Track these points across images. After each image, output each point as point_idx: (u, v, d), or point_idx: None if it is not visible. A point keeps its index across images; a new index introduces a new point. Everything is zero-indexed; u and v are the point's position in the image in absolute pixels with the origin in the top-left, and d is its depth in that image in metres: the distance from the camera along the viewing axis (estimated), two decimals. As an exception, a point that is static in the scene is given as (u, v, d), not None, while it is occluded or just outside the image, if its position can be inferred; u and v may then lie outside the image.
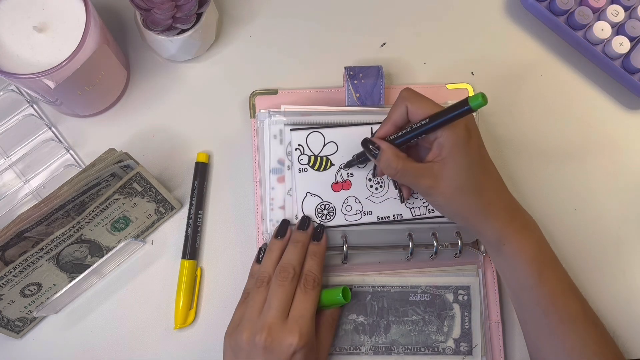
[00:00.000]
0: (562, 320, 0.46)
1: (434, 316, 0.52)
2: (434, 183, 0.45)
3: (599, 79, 0.60)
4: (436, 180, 0.45)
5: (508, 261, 0.47)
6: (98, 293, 0.54)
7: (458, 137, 0.44)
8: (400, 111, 0.46)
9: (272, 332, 0.45)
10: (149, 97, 0.58)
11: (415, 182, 0.46)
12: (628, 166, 0.59)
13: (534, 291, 0.47)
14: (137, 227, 0.53)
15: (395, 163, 0.45)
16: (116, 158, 0.47)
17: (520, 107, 0.59)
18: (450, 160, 0.44)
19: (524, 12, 0.61)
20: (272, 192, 0.53)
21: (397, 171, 0.46)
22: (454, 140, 0.44)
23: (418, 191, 0.48)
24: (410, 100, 0.46)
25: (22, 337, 0.53)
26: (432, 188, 0.45)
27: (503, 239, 0.47)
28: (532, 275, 0.46)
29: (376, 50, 0.60)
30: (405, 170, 0.46)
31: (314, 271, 0.49)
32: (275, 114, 0.53)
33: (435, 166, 0.45)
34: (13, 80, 0.46)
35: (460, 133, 0.44)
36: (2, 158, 0.55)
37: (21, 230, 0.46)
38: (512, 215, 0.47)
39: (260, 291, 0.48)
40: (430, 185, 0.45)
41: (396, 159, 0.46)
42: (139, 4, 0.51)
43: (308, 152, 0.53)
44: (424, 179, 0.45)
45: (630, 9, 0.59)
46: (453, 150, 0.44)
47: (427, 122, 0.44)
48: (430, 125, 0.44)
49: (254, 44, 0.59)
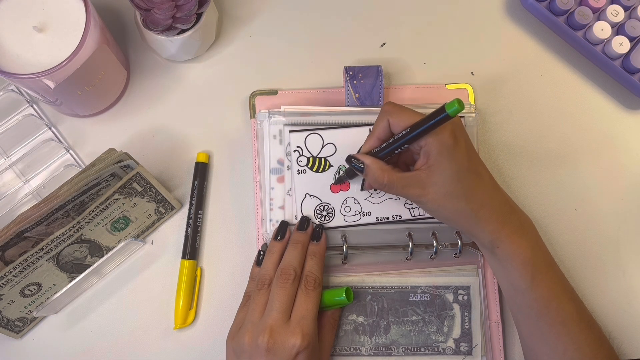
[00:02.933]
0: (555, 323, 0.46)
1: (434, 316, 0.52)
2: (422, 191, 0.45)
3: (599, 79, 0.60)
4: (424, 188, 0.45)
5: (501, 264, 0.47)
6: (98, 293, 0.54)
7: (443, 144, 0.44)
8: (382, 125, 0.47)
9: (274, 334, 0.45)
10: (149, 97, 0.58)
11: (404, 192, 0.46)
12: (628, 166, 0.59)
13: (527, 294, 0.46)
14: (137, 227, 0.53)
15: (380, 177, 0.46)
16: (116, 158, 0.47)
17: (520, 107, 0.59)
18: (437, 167, 0.45)
19: (524, 12, 0.61)
20: (272, 192, 0.53)
21: (384, 185, 0.46)
22: (439, 148, 0.44)
23: (409, 200, 0.48)
24: (391, 113, 0.46)
25: (22, 337, 0.53)
26: (420, 196, 0.46)
27: (496, 241, 0.46)
28: (525, 278, 0.46)
29: (376, 50, 0.60)
30: (392, 182, 0.46)
31: (314, 272, 0.49)
32: (275, 115, 0.54)
33: (422, 174, 0.45)
34: (13, 80, 0.46)
35: (445, 140, 0.44)
36: (2, 158, 0.55)
37: (21, 230, 0.46)
38: (506, 218, 0.47)
39: (262, 293, 0.47)
40: (418, 194, 0.46)
41: (381, 173, 0.46)
42: (139, 4, 0.51)
43: (307, 153, 0.53)
44: (411, 188, 0.46)
45: (630, 9, 0.59)
46: (439, 157, 0.44)
47: (407, 132, 0.44)
48: (410, 135, 0.44)
49: (254, 44, 0.59)
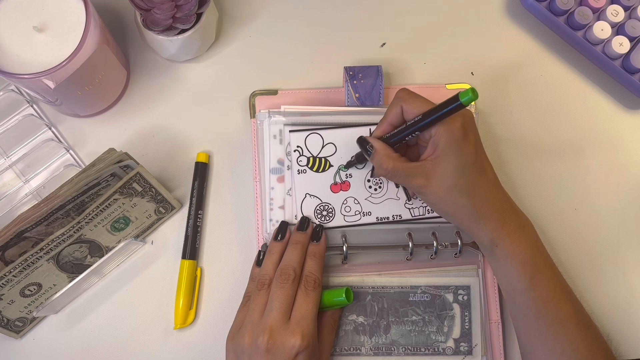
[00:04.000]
0: (553, 323, 0.46)
1: (434, 316, 0.52)
2: (426, 182, 0.45)
3: (598, 79, 0.60)
4: (428, 179, 0.45)
5: (500, 263, 0.47)
6: (98, 293, 0.54)
7: (453, 136, 0.44)
8: (395, 111, 0.47)
9: (274, 335, 0.45)
10: (149, 97, 0.58)
11: (407, 181, 0.46)
12: (628, 166, 0.59)
13: (526, 294, 0.46)
14: (137, 227, 0.53)
15: (385, 163, 0.46)
16: (116, 158, 0.47)
17: (519, 107, 0.59)
18: (443, 159, 0.44)
19: (524, 12, 0.61)
20: (272, 192, 0.53)
21: (388, 172, 0.46)
22: (448, 139, 0.44)
23: (412, 190, 0.49)
24: (405, 99, 0.46)
25: (22, 337, 0.53)
26: (423, 187, 0.46)
27: (496, 240, 0.46)
28: (524, 278, 0.46)
29: (376, 50, 0.60)
30: (396, 170, 0.46)
31: (314, 272, 0.49)
32: (275, 114, 0.53)
33: (427, 165, 0.45)
34: (13, 80, 0.46)
35: (455, 132, 0.44)
36: (2, 158, 0.55)
37: (21, 230, 0.46)
38: (506, 217, 0.47)
39: (262, 294, 0.47)
40: (421, 184, 0.46)
41: (387, 159, 0.46)
42: (139, 4, 0.51)
43: (307, 153, 0.53)
44: (415, 178, 0.46)
45: (630, 9, 0.59)
46: (447, 149, 0.44)
47: (420, 119, 0.44)
48: (422, 123, 0.44)
49: (254, 44, 0.59)
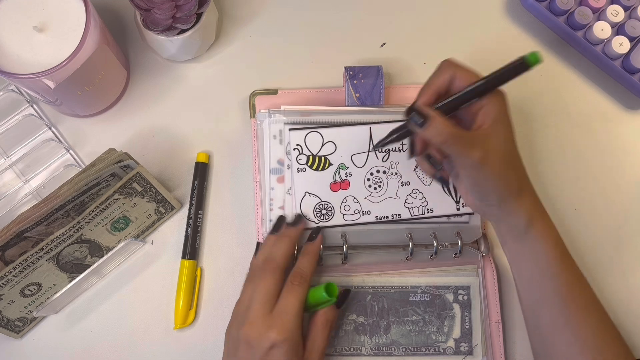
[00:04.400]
0: (580, 308, 0.46)
1: (434, 316, 0.52)
2: (484, 154, 0.42)
3: (599, 79, 0.60)
4: (486, 151, 0.42)
5: (533, 245, 0.46)
6: (98, 293, 0.54)
7: (502, 106, 0.43)
8: (444, 79, 0.44)
9: (253, 326, 0.44)
10: (149, 97, 0.58)
11: (465, 152, 0.42)
12: (628, 166, 0.58)
13: (556, 279, 0.46)
14: (137, 227, 0.53)
15: (446, 129, 0.41)
16: (116, 158, 0.47)
17: (519, 107, 0.59)
18: (498, 129, 0.43)
19: (524, 12, 0.61)
20: (272, 192, 0.53)
21: (447, 139, 0.42)
22: (501, 108, 0.43)
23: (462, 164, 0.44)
24: (457, 68, 0.44)
25: (22, 337, 0.53)
26: (482, 159, 0.42)
27: (533, 219, 0.45)
28: (554, 263, 0.46)
29: (376, 50, 0.60)
30: (459, 137, 0.42)
31: (303, 268, 0.48)
32: (275, 114, 0.53)
33: (484, 135, 0.43)
34: (13, 80, 0.47)
35: (502, 102, 0.43)
36: (2, 158, 0.55)
37: (21, 230, 0.46)
38: (536, 195, 0.46)
39: (248, 285, 0.48)
40: (480, 156, 0.42)
41: (445, 126, 0.42)
42: (139, 4, 0.51)
43: (306, 151, 0.53)
44: (474, 149, 0.42)
45: (630, 9, 0.59)
46: (499, 118, 0.43)
47: (481, 84, 0.42)
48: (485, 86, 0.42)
49: (254, 44, 0.59)
